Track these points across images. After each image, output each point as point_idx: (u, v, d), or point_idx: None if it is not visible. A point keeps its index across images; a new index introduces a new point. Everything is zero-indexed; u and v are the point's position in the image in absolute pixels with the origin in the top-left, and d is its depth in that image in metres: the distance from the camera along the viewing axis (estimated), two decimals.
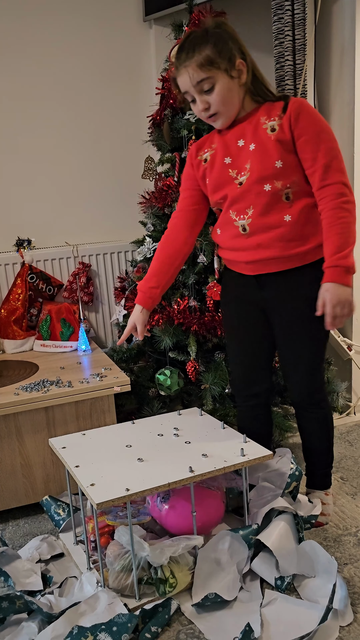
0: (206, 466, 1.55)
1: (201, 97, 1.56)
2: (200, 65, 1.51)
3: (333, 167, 1.53)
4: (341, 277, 1.49)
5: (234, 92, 1.55)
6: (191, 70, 1.52)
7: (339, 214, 1.51)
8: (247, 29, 2.58)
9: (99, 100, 2.65)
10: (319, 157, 1.52)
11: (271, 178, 1.55)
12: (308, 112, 1.54)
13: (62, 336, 2.47)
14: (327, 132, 1.54)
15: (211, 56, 1.51)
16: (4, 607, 1.45)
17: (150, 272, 1.73)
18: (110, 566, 1.55)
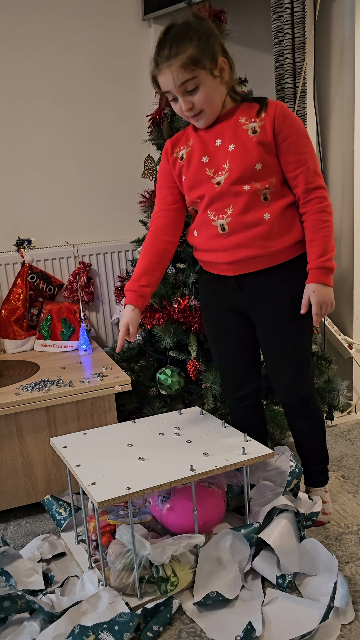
0: (207, 465, 1.55)
1: (185, 97, 1.52)
2: (185, 66, 1.46)
3: (316, 171, 1.56)
4: (326, 277, 1.57)
5: (217, 91, 1.53)
6: (175, 71, 1.47)
7: (324, 217, 1.56)
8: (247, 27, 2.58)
9: (99, 99, 2.65)
10: (303, 160, 1.54)
11: (250, 179, 1.55)
12: (291, 116, 1.55)
13: (62, 336, 2.47)
14: (307, 137, 1.57)
15: (195, 55, 1.46)
16: (6, 607, 1.45)
17: (138, 272, 1.70)
18: (111, 565, 1.55)
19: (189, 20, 1.50)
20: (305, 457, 1.85)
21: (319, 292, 1.57)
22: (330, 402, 2.30)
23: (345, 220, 2.52)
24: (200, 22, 1.51)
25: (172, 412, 1.94)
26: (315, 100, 2.48)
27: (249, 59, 2.67)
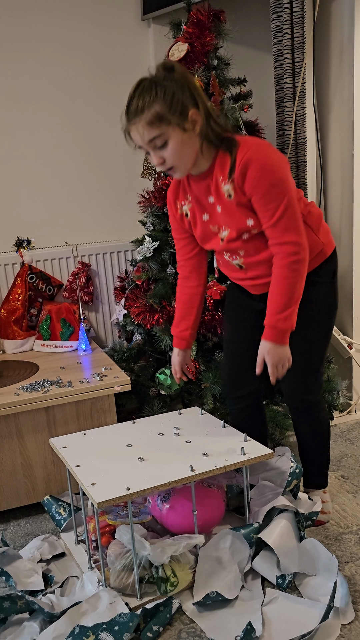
0: (207, 465, 1.55)
1: (155, 152, 1.50)
2: (150, 123, 1.44)
3: (284, 225, 1.49)
4: (279, 338, 1.55)
5: (188, 145, 1.49)
6: (141, 129, 1.46)
7: (285, 273, 1.52)
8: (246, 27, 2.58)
9: (98, 99, 2.65)
10: (270, 215, 1.49)
11: (247, 231, 1.56)
12: (254, 169, 1.46)
13: (62, 336, 2.47)
14: (277, 185, 1.47)
15: (160, 112, 1.42)
16: (6, 607, 1.45)
17: (177, 318, 1.83)
18: (111, 565, 1.55)
19: (158, 74, 1.46)
20: (305, 460, 1.85)
21: (274, 353, 1.55)
22: (330, 402, 2.30)
23: (345, 220, 2.52)
24: (171, 74, 1.45)
25: (171, 412, 1.94)
26: (315, 100, 2.48)
27: (248, 59, 2.67)
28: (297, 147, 2.46)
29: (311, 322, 1.65)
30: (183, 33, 2.20)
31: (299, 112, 2.42)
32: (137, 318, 2.25)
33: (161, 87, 1.44)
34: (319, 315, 1.68)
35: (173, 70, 1.46)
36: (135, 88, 1.48)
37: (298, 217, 1.50)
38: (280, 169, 1.48)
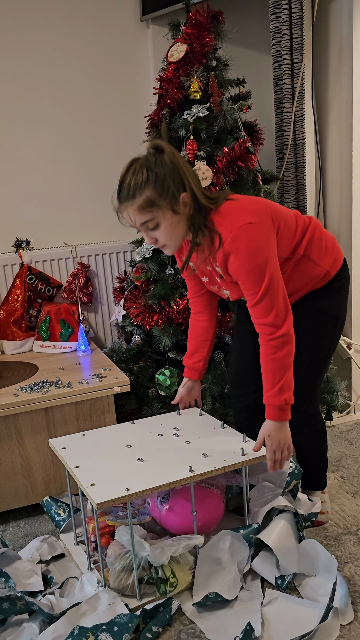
0: (206, 466, 1.55)
1: (147, 233, 1.55)
2: (141, 208, 1.48)
3: (262, 307, 1.52)
4: (278, 415, 1.56)
5: (180, 226, 1.53)
6: (132, 213, 1.50)
7: (267, 350, 1.55)
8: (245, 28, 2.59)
9: (97, 100, 2.65)
10: (251, 298, 1.53)
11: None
12: (234, 260, 1.50)
13: (61, 337, 2.47)
14: (256, 271, 1.49)
15: (151, 198, 1.46)
16: (5, 608, 1.45)
17: (190, 350, 1.89)
18: (111, 566, 1.55)
19: (149, 157, 1.48)
20: (303, 464, 1.85)
21: (274, 436, 1.57)
22: (329, 403, 2.30)
23: (344, 221, 2.52)
24: (161, 157, 1.47)
25: (171, 413, 1.94)
26: (314, 100, 2.48)
27: (247, 60, 2.67)
28: (296, 147, 2.46)
29: (314, 332, 1.65)
30: (182, 34, 2.20)
31: (297, 112, 2.42)
32: (136, 319, 2.25)
33: (152, 172, 1.46)
34: (322, 326, 1.68)
35: (163, 152, 1.48)
36: (127, 170, 1.50)
37: (279, 297, 1.51)
38: (260, 251, 1.49)
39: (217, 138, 2.20)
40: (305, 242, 1.62)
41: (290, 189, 2.49)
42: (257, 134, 2.32)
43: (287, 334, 1.52)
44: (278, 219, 1.57)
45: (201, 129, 2.15)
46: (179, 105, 2.19)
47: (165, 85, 2.21)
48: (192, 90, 2.16)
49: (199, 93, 2.16)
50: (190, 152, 2.16)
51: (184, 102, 2.19)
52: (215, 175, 2.13)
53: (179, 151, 2.21)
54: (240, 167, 2.14)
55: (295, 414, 1.75)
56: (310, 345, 1.67)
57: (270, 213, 1.55)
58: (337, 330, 1.73)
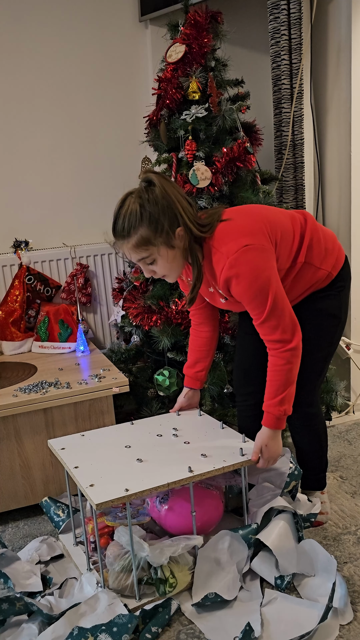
0: (205, 466, 1.55)
1: (145, 267, 1.57)
2: (137, 246, 1.49)
3: (269, 325, 1.53)
4: (275, 423, 1.60)
5: (177, 257, 1.54)
6: (128, 251, 1.52)
7: (275, 361, 1.57)
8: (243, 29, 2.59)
9: (96, 100, 2.65)
10: (257, 317, 1.54)
11: None
12: (235, 284, 1.51)
13: (60, 337, 2.47)
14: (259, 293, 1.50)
15: (146, 237, 1.47)
16: (4, 609, 1.45)
17: (192, 360, 1.90)
18: (110, 567, 1.55)
19: (141, 194, 1.48)
20: (303, 465, 1.85)
21: (270, 445, 1.61)
22: (328, 403, 2.30)
23: (342, 221, 2.52)
24: (154, 192, 1.47)
25: (170, 414, 1.94)
26: (312, 101, 2.48)
27: (246, 60, 2.67)
28: (294, 148, 2.46)
29: (315, 332, 1.65)
30: (180, 34, 2.20)
31: (296, 113, 2.42)
32: (135, 319, 2.25)
33: (145, 211, 1.46)
34: (323, 326, 1.68)
35: (153, 185, 1.48)
36: (120, 206, 1.51)
37: (284, 315, 1.52)
38: (261, 272, 1.49)
39: (216, 138, 2.19)
40: (305, 248, 1.61)
41: (289, 189, 2.50)
42: (256, 134, 2.31)
43: (295, 347, 1.54)
44: (275, 232, 1.56)
45: (200, 129, 2.16)
46: (177, 105, 2.19)
47: (164, 86, 2.21)
48: (190, 91, 2.16)
49: (197, 93, 2.16)
50: (189, 153, 2.16)
51: (183, 102, 2.19)
52: (214, 176, 2.13)
53: (177, 152, 2.23)
54: (239, 167, 2.14)
55: (296, 414, 1.75)
56: (311, 346, 1.67)
57: (265, 229, 1.54)
58: (338, 331, 1.73)
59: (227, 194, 2.18)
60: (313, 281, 1.65)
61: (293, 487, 1.77)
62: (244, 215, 1.58)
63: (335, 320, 1.71)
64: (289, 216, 1.65)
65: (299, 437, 1.83)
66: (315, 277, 1.64)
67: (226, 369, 2.14)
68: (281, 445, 1.64)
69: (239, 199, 2.15)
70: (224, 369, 2.14)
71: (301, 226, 1.64)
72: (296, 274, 1.62)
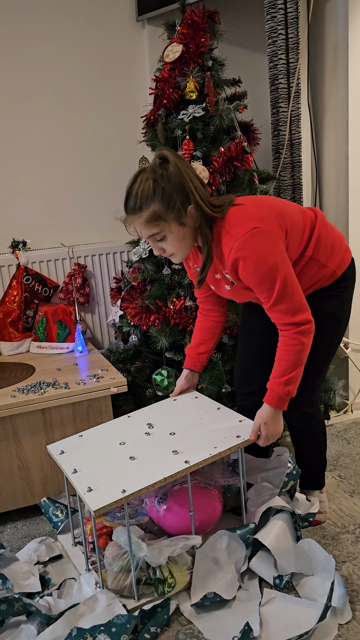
0: (201, 455, 1.54)
1: (155, 244, 1.56)
2: (148, 222, 1.49)
3: (280, 309, 1.52)
4: (277, 403, 1.59)
5: (187, 236, 1.54)
6: (139, 226, 1.51)
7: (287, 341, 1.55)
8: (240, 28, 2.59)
9: (93, 101, 2.65)
10: (266, 301, 1.53)
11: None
12: (243, 266, 1.49)
13: (58, 337, 2.47)
14: (268, 275, 1.49)
15: (158, 212, 1.47)
16: (3, 610, 1.45)
17: (196, 341, 1.89)
18: (108, 567, 1.54)
19: (155, 170, 1.48)
20: (302, 464, 1.85)
21: (269, 426, 1.60)
22: (326, 402, 2.30)
23: (340, 221, 2.52)
24: (168, 169, 1.47)
25: (166, 400, 1.93)
26: (310, 100, 2.48)
27: (243, 60, 2.67)
28: (292, 147, 2.46)
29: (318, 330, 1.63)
30: (178, 34, 2.20)
31: (293, 112, 2.42)
32: (133, 319, 2.25)
33: (158, 187, 1.47)
34: (324, 326, 1.67)
35: (168, 162, 1.48)
36: (133, 182, 1.51)
37: (294, 298, 1.52)
38: (269, 255, 1.49)
39: (213, 138, 2.19)
40: (313, 243, 1.61)
41: (286, 188, 2.50)
42: (253, 134, 2.31)
43: (307, 329, 1.54)
44: (285, 221, 1.56)
45: (197, 129, 2.15)
46: (175, 105, 2.19)
47: (161, 86, 2.21)
48: (188, 90, 2.16)
49: (195, 93, 2.15)
50: (187, 152, 2.15)
51: (180, 102, 2.19)
52: (211, 175, 2.13)
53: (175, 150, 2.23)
54: (236, 166, 2.14)
55: (294, 414, 1.75)
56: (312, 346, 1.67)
57: (276, 216, 1.54)
58: (339, 331, 1.72)
59: (224, 194, 2.18)
60: (317, 278, 1.64)
61: (291, 486, 1.77)
62: (256, 202, 1.59)
63: (336, 321, 1.70)
64: (300, 209, 1.66)
65: (298, 436, 1.83)
66: (319, 274, 1.64)
67: (224, 369, 2.14)
68: (282, 425, 1.62)
69: None
70: (222, 369, 2.14)
71: (311, 221, 1.64)
72: (302, 268, 1.62)
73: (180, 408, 1.85)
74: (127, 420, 1.85)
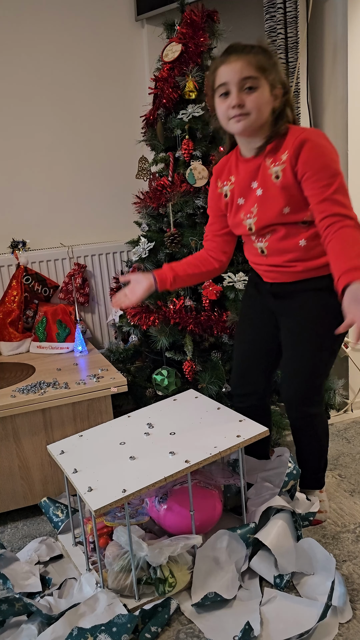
0: (201, 454, 1.54)
1: (239, 93, 1.50)
2: (251, 64, 1.49)
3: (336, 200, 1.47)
4: None
5: (267, 106, 1.52)
6: (244, 63, 1.49)
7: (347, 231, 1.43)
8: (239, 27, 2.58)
9: (92, 100, 2.65)
10: (321, 192, 1.47)
11: (280, 221, 1.57)
12: (309, 148, 1.48)
13: (58, 337, 2.47)
14: (330, 165, 1.48)
15: (264, 64, 1.49)
16: (3, 610, 1.45)
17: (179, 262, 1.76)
18: (109, 567, 1.55)
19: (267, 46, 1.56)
20: (302, 464, 1.84)
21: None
22: (326, 401, 2.30)
23: None
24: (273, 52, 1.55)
25: (166, 400, 1.93)
26: (309, 99, 2.48)
27: None
28: None
29: (322, 328, 1.62)
30: (177, 33, 2.20)
31: None
32: (133, 319, 2.25)
33: (269, 53, 1.53)
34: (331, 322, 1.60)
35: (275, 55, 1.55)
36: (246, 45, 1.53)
37: (347, 196, 1.49)
38: (334, 153, 1.52)
39: (213, 137, 2.19)
40: None
41: None
42: None
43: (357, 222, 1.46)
44: None
45: (196, 128, 2.15)
46: (174, 104, 2.19)
47: (160, 85, 2.21)
48: (187, 90, 2.16)
49: (194, 92, 2.16)
50: (186, 152, 2.16)
51: (180, 101, 2.19)
52: None
53: (174, 151, 2.23)
54: None
55: (296, 414, 1.75)
56: (315, 345, 1.65)
57: None
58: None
59: None
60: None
61: (292, 486, 1.77)
62: None
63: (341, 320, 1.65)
64: None
65: (299, 436, 1.82)
66: None
67: (224, 369, 2.14)
68: None
69: None
70: (222, 369, 2.14)
71: None
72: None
73: (180, 408, 1.85)
74: (127, 420, 1.86)
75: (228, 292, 2.12)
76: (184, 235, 2.17)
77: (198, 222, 2.21)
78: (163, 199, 2.21)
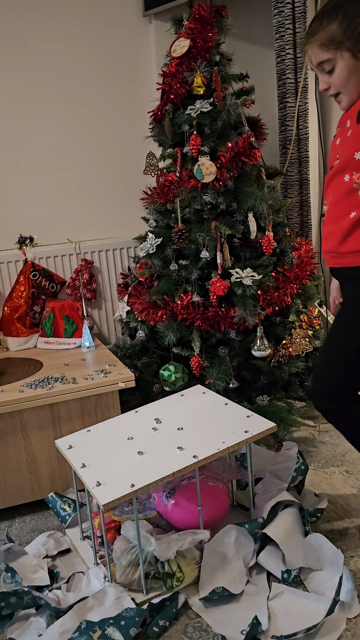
0: (209, 449, 1.55)
1: (322, 76, 1.45)
2: (322, 46, 1.40)
3: None
4: None
5: (356, 73, 1.41)
6: (311, 50, 1.43)
7: None
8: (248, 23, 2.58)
9: (100, 96, 2.65)
10: None
11: (350, 169, 1.45)
12: None
13: (65, 333, 2.47)
14: None
15: (335, 36, 1.38)
16: (12, 603, 1.46)
17: None
18: (117, 561, 1.55)
19: None
20: None
21: None
22: None
23: None
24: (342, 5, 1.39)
25: (174, 395, 1.93)
26: (317, 95, 2.48)
27: (250, 55, 2.66)
28: (299, 142, 2.46)
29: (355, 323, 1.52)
30: (185, 29, 2.19)
31: (301, 107, 2.41)
32: (140, 314, 2.25)
33: (343, 8, 1.38)
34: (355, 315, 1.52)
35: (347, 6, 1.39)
36: (322, 7, 1.43)
37: None
38: None
39: (221, 133, 2.19)
40: None
41: (293, 184, 2.49)
42: (261, 129, 2.31)
43: None
44: None
45: (204, 124, 2.15)
46: (182, 100, 2.19)
47: (168, 81, 2.20)
48: (195, 86, 2.15)
49: (202, 88, 2.15)
50: (194, 148, 2.15)
51: (187, 97, 2.19)
52: (219, 171, 2.13)
53: (181, 147, 2.23)
54: (244, 162, 2.13)
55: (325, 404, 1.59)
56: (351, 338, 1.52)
57: None
58: None
59: (232, 189, 2.18)
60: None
61: (299, 481, 1.77)
62: None
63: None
64: None
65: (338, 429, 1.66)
66: None
67: (232, 364, 2.14)
68: None
69: (243, 194, 2.15)
70: (229, 364, 2.14)
71: None
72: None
73: (188, 403, 1.86)
74: (135, 415, 1.86)
75: (235, 288, 2.12)
76: (192, 231, 2.17)
77: (205, 217, 2.21)
78: (171, 195, 2.20)
